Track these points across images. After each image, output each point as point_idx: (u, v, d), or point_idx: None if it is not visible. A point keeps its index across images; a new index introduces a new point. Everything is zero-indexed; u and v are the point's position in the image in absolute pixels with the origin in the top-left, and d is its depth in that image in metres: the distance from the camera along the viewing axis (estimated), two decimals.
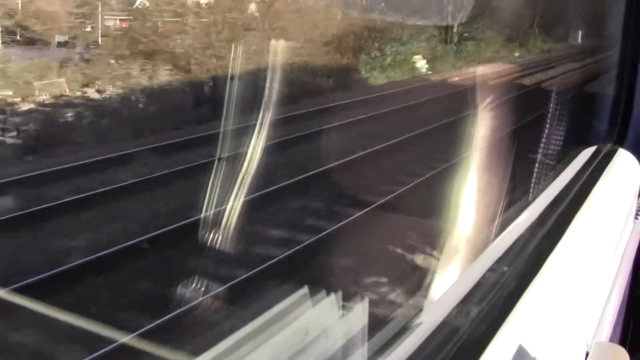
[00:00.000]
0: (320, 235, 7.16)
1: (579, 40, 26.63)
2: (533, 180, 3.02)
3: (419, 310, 1.43)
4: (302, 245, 6.92)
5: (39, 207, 7.61)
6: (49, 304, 4.53)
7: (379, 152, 10.68)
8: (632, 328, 2.26)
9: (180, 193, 8.43)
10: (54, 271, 6.08)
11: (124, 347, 4.48)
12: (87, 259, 6.39)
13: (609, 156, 2.80)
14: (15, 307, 4.68)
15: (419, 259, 6.27)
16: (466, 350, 1.19)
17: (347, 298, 1.39)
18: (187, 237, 6.58)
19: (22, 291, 5.33)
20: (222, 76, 12.76)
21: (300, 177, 9.13)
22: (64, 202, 7.88)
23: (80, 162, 9.40)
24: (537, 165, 3.11)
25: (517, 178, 3.11)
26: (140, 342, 4.50)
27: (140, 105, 12.88)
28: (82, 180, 8.77)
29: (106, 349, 4.59)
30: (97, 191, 8.34)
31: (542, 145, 3.27)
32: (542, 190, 2.33)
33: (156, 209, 8.06)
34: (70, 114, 11.68)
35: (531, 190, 2.87)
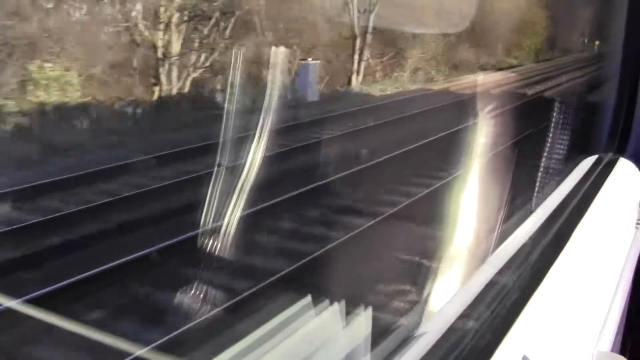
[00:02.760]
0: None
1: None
2: (534, 189, 3.02)
3: (422, 320, 1.43)
4: None
5: None
6: None
7: None
8: (633, 338, 2.26)
9: None
10: None
11: None
12: None
13: (610, 165, 2.81)
14: None
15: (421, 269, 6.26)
16: None
17: (351, 308, 1.39)
18: None
19: None
20: None
21: None
22: None
23: None
24: (538, 174, 3.12)
25: (518, 187, 3.11)
26: None
27: None
28: None
29: None
30: None
31: (543, 154, 3.28)
32: (544, 199, 2.33)
33: None
34: None
35: (533, 199, 2.87)
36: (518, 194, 2.99)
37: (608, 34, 3.47)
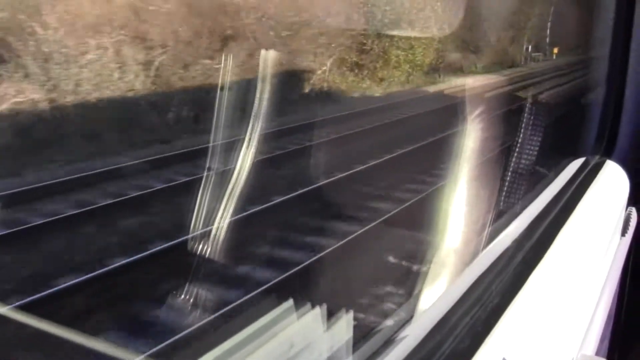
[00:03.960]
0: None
1: None
2: (521, 191, 3.02)
3: (404, 323, 1.43)
4: None
5: None
6: None
7: None
8: (618, 341, 2.26)
9: None
10: None
11: None
12: None
13: (597, 168, 2.81)
14: None
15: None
16: None
17: (332, 311, 1.39)
18: None
19: None
20: None
21: None
22: None
23: None
24: (525, 176, 3.12)
25: (505, 189, 3.12)
26: None
27: None
28: None
29: None
30: None
31: (530, 156, 3.29)
32: (530, 202, 2.34)
33: None
34: None
35: (519, 202, 2.87)
36: (505, 198, 2.99)
37: (594, 38, 3.48)
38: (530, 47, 22.87)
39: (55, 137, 9.99)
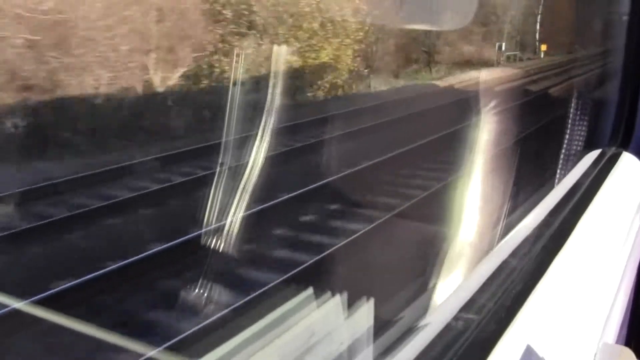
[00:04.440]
0: None
1: None
2: (538, 183, 3.01)
3: (426, 311, 1.43)
4: None
5: None
6: None
7: None
8: (636, 328, 2.25)
9: None
10: None
11: None
12: None
13: (613, 159, 2.80)
14: None
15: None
16: (473, 350, 1.18)
17: (352, 300, 1.39)
18: None
19: None
20: None
21: None
22: None
23: None
24: (541, 168, 3.11)
25: (521, 181, 3.11)
26: None
27: None
28: None
29: None
30: None
31: (546, 148, 3.28)
32: (547, 192, 2.33)
33: None
34: None
35: (536, 192, 2.86)
36: (522, 188, 2.98)
37: (611, 30, 3.46)
38: (503, 45, 19.36)
39: None
